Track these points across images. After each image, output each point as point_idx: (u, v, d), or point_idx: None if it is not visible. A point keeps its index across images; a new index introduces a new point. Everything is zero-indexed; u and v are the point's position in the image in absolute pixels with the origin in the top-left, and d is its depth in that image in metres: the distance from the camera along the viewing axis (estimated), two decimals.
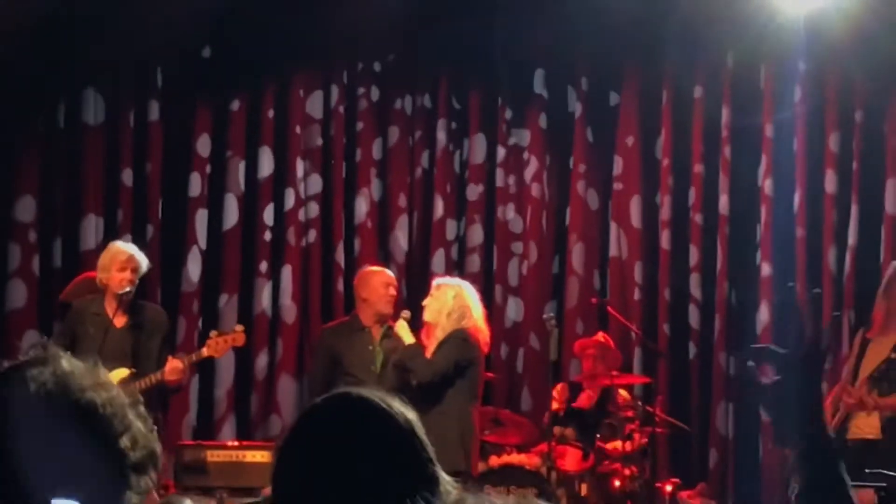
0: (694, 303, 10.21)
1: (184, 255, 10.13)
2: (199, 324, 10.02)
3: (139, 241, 8.81)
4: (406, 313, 7.91)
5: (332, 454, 2.02)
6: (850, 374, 7.39)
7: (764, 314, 9.87)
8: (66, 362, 1.85)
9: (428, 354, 7.53)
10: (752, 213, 10.15)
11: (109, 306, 7.71)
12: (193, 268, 10.12)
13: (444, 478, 2.03)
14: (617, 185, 10.50)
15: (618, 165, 10.49)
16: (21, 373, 1.81)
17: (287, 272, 10.28)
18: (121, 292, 7.64)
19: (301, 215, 10.35)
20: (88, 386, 1.82)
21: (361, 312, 8.08)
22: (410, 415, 2.10)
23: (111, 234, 9.56)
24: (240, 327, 8.27)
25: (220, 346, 7.98)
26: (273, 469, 2.07)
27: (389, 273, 8.38)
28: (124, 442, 1.81)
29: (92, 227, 9.92)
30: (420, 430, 2.08)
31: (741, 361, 9.48)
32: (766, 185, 10.06)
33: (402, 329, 7.74)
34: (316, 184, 10.43)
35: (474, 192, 10.60)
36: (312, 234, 10.38)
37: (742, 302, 10.14)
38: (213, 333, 8.05)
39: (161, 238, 10.07)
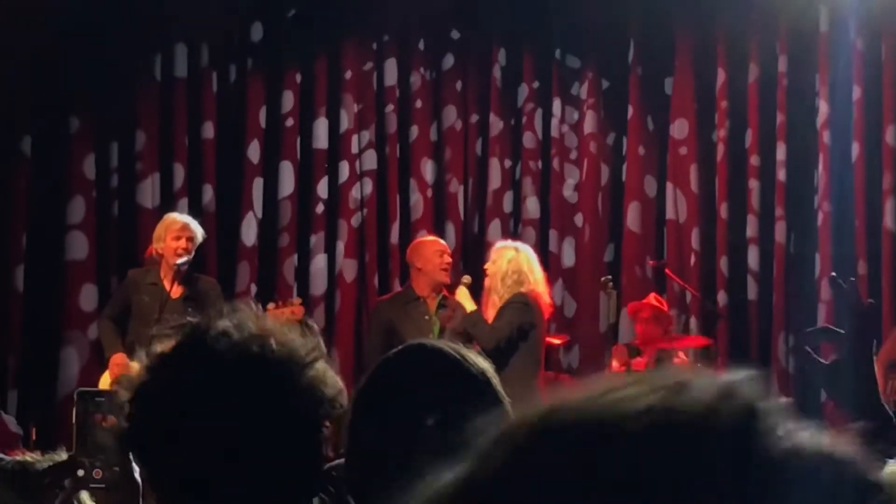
0: (752, 275, 10.13)
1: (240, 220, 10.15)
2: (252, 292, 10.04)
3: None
4: (467, 279, 7.87)
5: (407, 404, 2.00)
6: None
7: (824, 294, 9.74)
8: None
9: (488, 321, 7.50)
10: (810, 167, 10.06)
11: (166, 277, 7.74)
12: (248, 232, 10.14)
13: None
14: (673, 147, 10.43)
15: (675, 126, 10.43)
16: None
17: (340, 246, 10.28)
18: (178, 262, 7.66)
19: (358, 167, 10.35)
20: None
21: (416, 283, 8.06)
22: (485, 365, 2.09)
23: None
24: (297, 299, 8.27)
25: (278, 319, 7.97)
26: (348, 419, 2.06)
27: (442, 242, 8.35)
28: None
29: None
30: (495, 380, 2.07)
31: (798, 349, 9.35)
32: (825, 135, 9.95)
33: (463, 296, 7.70)
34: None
35: (530, 139, 10.54)
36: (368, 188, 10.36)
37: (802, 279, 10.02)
38: (270, 305, 8.05)
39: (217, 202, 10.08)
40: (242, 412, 1.79)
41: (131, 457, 2.26)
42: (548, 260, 10.06)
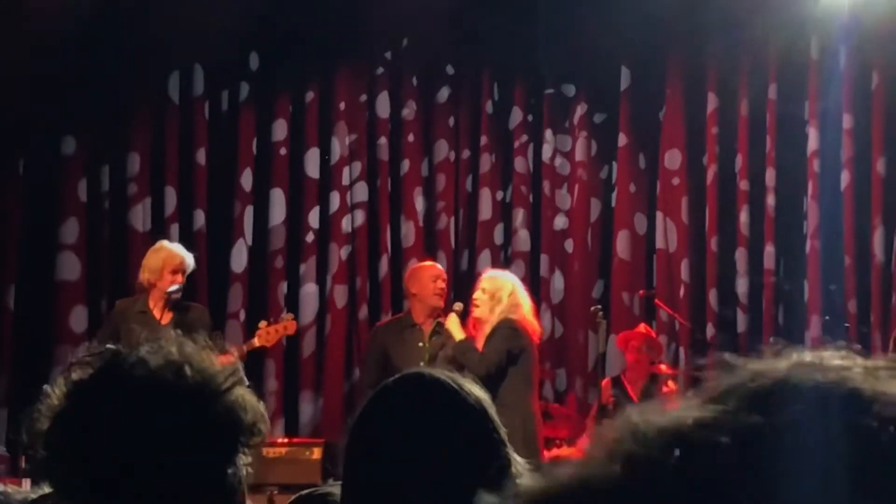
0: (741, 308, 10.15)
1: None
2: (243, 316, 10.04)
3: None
4: (458, 306, 7.87)
5: (403, 434, 2.01)
6: None
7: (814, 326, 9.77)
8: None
9: (479, 348, 7.50)
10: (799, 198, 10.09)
11: (156, 306, 7.72)
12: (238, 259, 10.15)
13: (517, 459, 2.01)
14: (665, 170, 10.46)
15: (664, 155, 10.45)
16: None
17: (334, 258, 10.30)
18: (170, 290, 7.67)
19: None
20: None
21: (413, 309, 8.07)
22: (482, 395, 2.09)
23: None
24: (289, 315, 8.26)
25: (272, 336, 7.97)
26: (344, 448, 2.06)
27: (438, 266, 8.36)
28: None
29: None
30: (492, 410, 2.07)
31: None
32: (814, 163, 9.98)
33: (453, 324, 7.70)
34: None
35: (522, 167, 10.57)
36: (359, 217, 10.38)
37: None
38: (262, 324, 8.04)
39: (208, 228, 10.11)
40: (155, 438, 1.78)
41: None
42: (538, 290, 10.08)
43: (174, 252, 7.85)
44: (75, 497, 1.83)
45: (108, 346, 1.90)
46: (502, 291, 7.53)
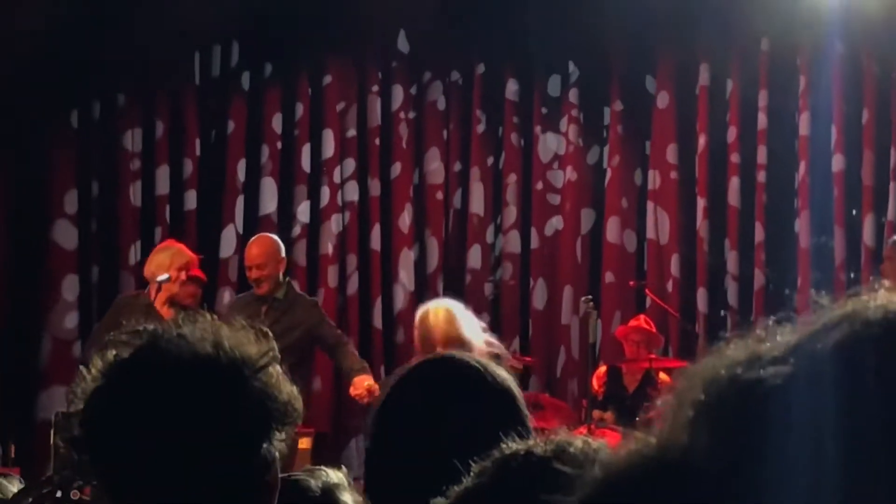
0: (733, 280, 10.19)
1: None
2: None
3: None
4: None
5: (430, 417, 2.01)
6: None
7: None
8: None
9: None
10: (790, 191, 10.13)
11: (157, 300, 7.76)
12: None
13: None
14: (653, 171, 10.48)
15: (653, 155, 10.48)
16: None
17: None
18: (160, 279, 7.71)
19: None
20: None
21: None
22: (509, 378, 2.09)
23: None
24: None
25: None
26: (370, 431, 2.06)
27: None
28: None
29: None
30: (519, 393, 2.07)
31: None
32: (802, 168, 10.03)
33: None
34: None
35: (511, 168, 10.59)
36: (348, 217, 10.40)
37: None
38: None
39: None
40: (195, 411, 1.82)
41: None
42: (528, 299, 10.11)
43: (182, 251, 7.89)
44: (113, 473, 1.85)
45: (146, 325, 1.93)
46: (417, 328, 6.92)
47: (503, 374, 2.08)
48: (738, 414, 0.91)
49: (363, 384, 7.67)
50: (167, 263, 7.76)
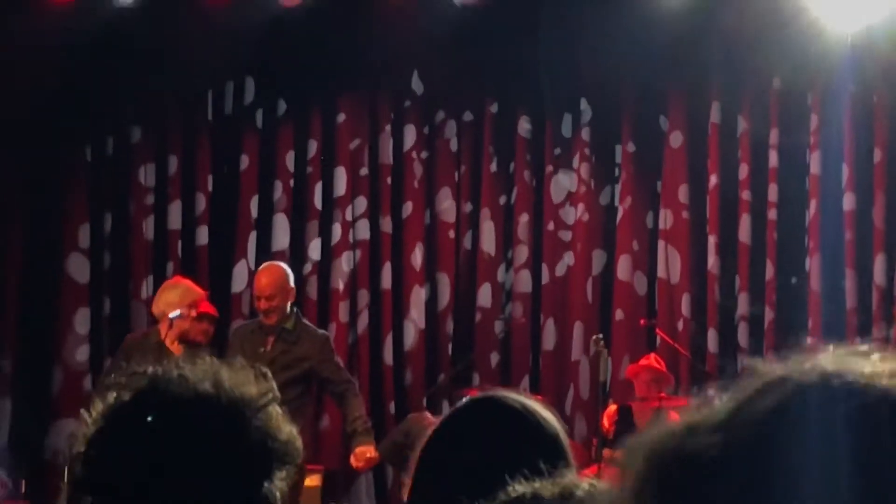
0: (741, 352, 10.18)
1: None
2: None
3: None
4: None
5: (476, 457, 2.01)
6: None
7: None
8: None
9: None
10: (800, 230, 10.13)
11: (168, 336, 7.74)
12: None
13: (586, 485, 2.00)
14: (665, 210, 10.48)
15: (665, 192, 10.49)
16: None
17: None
18: (172, 316, 7.70)
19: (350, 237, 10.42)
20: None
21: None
22: (555, 421, 2.09)
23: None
24: None
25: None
26: (415, 470, 2.06)
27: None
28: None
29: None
30: (564, 436, 2.06)
31: None
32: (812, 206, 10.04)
33: None
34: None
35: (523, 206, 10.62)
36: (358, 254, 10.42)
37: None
38: None
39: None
40: (196, 452, 1.82)
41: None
42: (539, 337, 10.15)
43: (191, 288, 7.90)
44: None
45: (146, 367, 1.93)
46: None
47: (550, 417, 2.07)
48: (678, 487, 0.93)
49: (364, 456, 7.82)
50: (177, 301, 7.76)
